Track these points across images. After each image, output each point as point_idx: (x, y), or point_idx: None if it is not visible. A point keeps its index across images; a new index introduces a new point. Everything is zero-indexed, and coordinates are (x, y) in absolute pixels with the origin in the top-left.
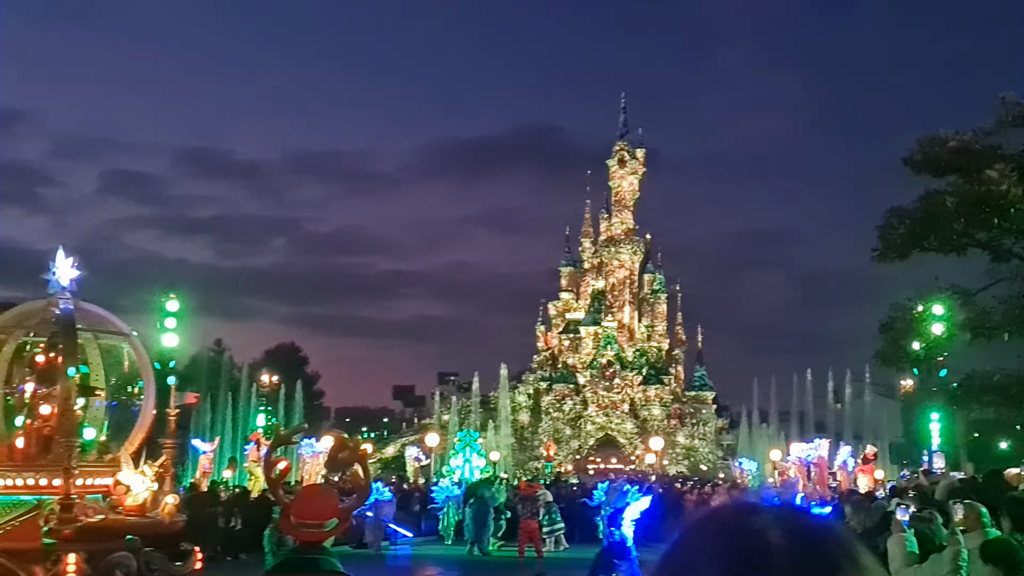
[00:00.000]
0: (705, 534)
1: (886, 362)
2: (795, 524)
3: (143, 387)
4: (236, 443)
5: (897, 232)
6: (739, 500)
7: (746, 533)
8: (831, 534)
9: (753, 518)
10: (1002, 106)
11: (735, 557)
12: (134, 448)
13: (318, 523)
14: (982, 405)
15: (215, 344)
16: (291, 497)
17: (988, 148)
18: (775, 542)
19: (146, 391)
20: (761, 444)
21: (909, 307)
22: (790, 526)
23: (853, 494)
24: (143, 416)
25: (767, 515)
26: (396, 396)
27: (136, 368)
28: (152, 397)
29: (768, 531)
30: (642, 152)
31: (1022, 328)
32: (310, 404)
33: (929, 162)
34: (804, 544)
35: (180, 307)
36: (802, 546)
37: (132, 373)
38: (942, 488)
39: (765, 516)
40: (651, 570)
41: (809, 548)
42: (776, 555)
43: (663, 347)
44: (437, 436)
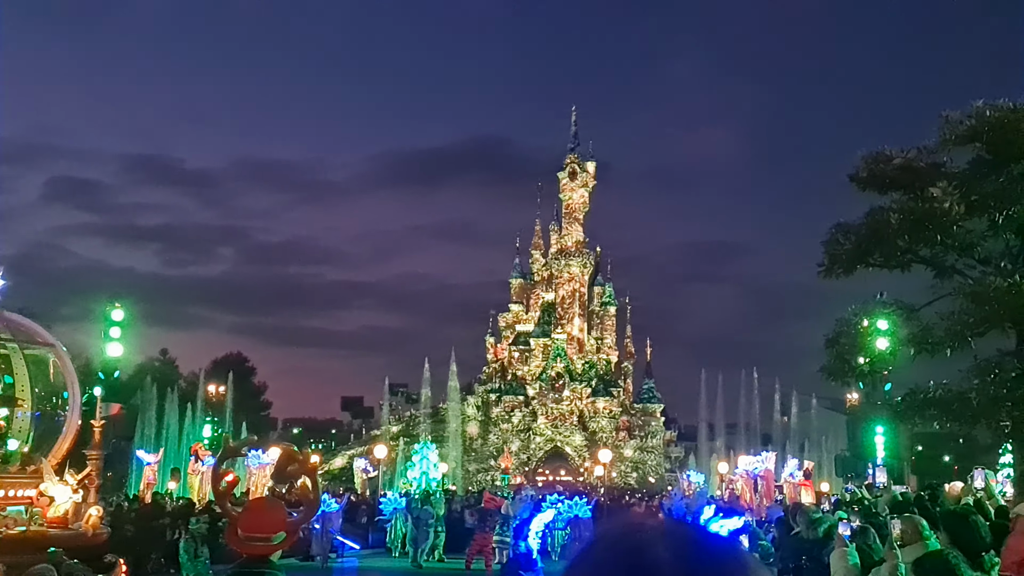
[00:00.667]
0: (596, 554)
1: (832, 376)
2: (683, 541)
3: (68, 398)
4: (182, 454)
5: (843, 247)
6: (633, 518)
7: (633, 551)
8: (719, 550)
9: (642, 536)
10: (946, 124)
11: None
12: (58, 459)
13: (265, 536)
14: (924, 419)
15: (161, 354)
16: (238, 510)
17: (932, 166)
18: (661, 559)
19: (71, 402)
20: (709, 456)
21: (854, 322)
22: (678, 543)
23: (799, 507)
24: (68, 427)
25: (656, 532)
26: (344, 407)
27: (62, 379)
28: (77, 408)
29: (655, 548)
30: (592, 165)
31: (963, 344)
32: (257, 415)
33: (874, 179)
34: (690, 561)
35: (125, 316)
36: (688, 563)
37: (58, 384)
38: (883, 502)
39: (654, 533)
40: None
41: (695, 565)
42: (662, 572)
43: (612, 359)
44: (385, 447)
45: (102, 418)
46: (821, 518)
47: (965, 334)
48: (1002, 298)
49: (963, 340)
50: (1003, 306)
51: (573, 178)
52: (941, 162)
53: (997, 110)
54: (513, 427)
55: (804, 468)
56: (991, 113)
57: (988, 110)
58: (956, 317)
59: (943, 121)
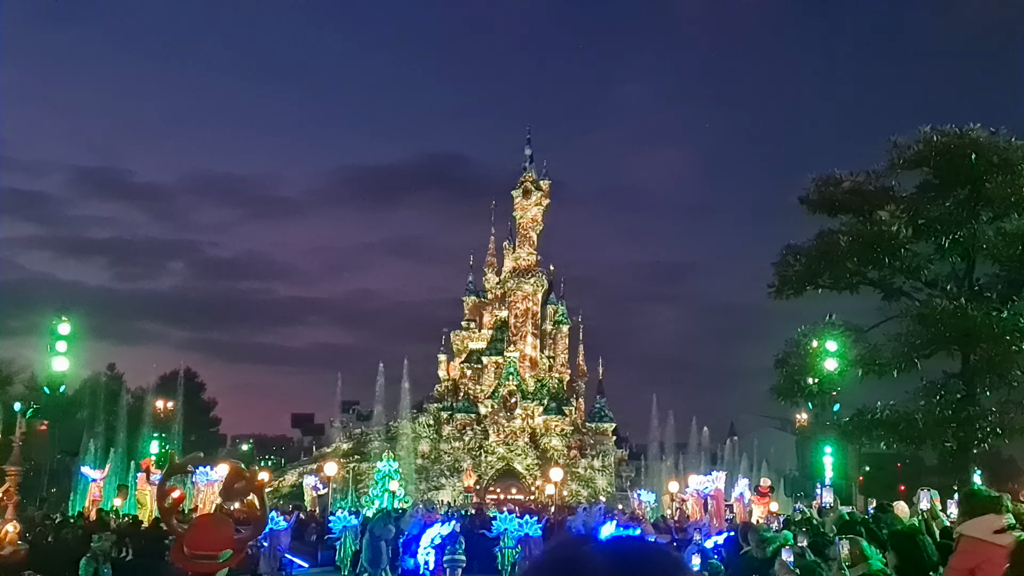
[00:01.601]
0: (540, 567)
1: (782, 396)
2: (620, 551)
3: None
4: (128, 471)
5: (793, 269)
6: (573, 534)
7: (573, 562)
8: (654, 559)
9: (583, 548)
10: (894, 149)
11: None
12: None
13: (212, 554)
14: (872, 439)
15: (108, 368)
16: (184, 527)
17: (881, 189)
18: (598, 568)
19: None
20: (660, 476)
21: (803, 343)
22: (614, 553)
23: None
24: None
25: (596, 544)
26: (295, 424)
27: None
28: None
29: (593, 559)
30: (547, 183)
31: (910, 365)
32: (206, 431)
33: (824, 201)
34: (625, 566)
35: (72, 330)
36: (623, 568)
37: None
38: (831, 521)
39: (594, 545)
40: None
41: (629, 569)
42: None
43: (565, 378)
44: (336, 465)
45: (22, 434)
46: (772, 537)
47: (912, 355)
48: (948, 320)
49: (910, 361)
50: (949, 328)
51: (527, 196)
52: (889, 186)
53: (944, 135)
54: (465, 445)
55: (759, 486)
56: (938, 139)
57: (935, 135)
58: (903, 339)
59: (891, 145)
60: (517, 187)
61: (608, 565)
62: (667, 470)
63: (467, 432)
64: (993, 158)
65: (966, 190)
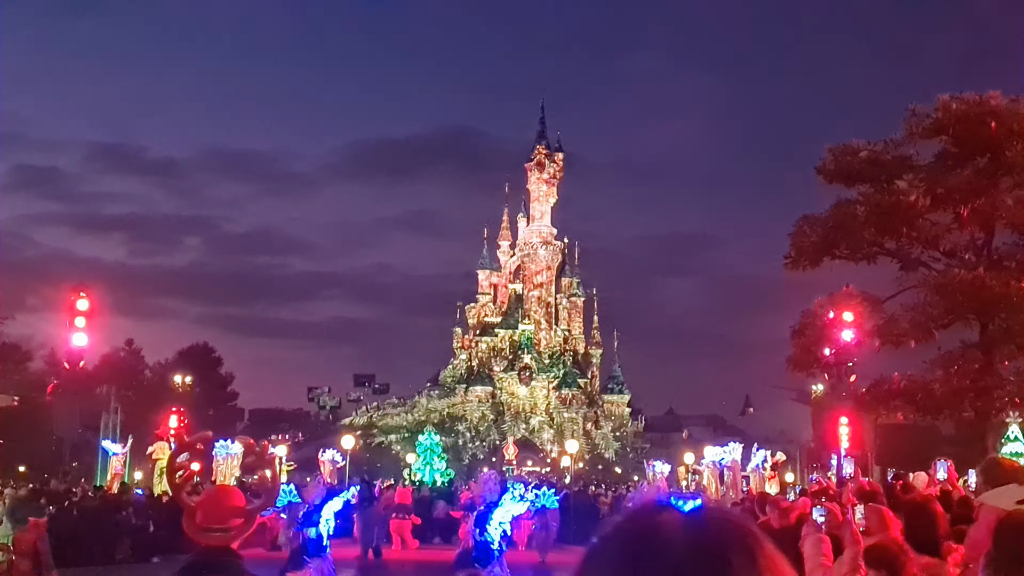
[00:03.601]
0: (614, 537)
1: (798, 367)
2: (695, 512)
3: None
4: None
5: (809, 239)
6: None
7: (649, 533)
8: (730, 523)
9: (659, 517)
10: (912, 117)
11: (634, 540)
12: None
13: (223, 527)
14: (889, 410)
15: (127, 344)
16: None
17: (898, 158)
18: (673, 526)
19: None
20: (675, 447)
21: (820, 313)
22: (690, 514)
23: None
24: None
25: (673, 513)
26: (311, 398)
27: None
28: None
29: (670, 529)
30: (560, 156)
31: (928, 335)
32: (224, 405)
33: (841, 171)
34: (701, 530)
35: (91, 306)
36: (699, 532)
37: None
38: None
39: (666, 505)
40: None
41: (705, 534)
42: (673, 539)
43: (579, 350)
44: (352, 438)
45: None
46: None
47: (930, 326)
48: (966, 290)
49: (928, 332)
50: (967, 298)
51: (541, 169)
52: (907, 154)
53: (963, 103)
54: (481, 418)
55: (772, 461)
56: (957, 106)
57: (954, 103)
58: (921, 309)
59: (910, 114)
60: (531, 159)
61: (686, 536)
62: (682, 441)
63: (483, 405)
64: (1013, 126)
65: (985, 158)
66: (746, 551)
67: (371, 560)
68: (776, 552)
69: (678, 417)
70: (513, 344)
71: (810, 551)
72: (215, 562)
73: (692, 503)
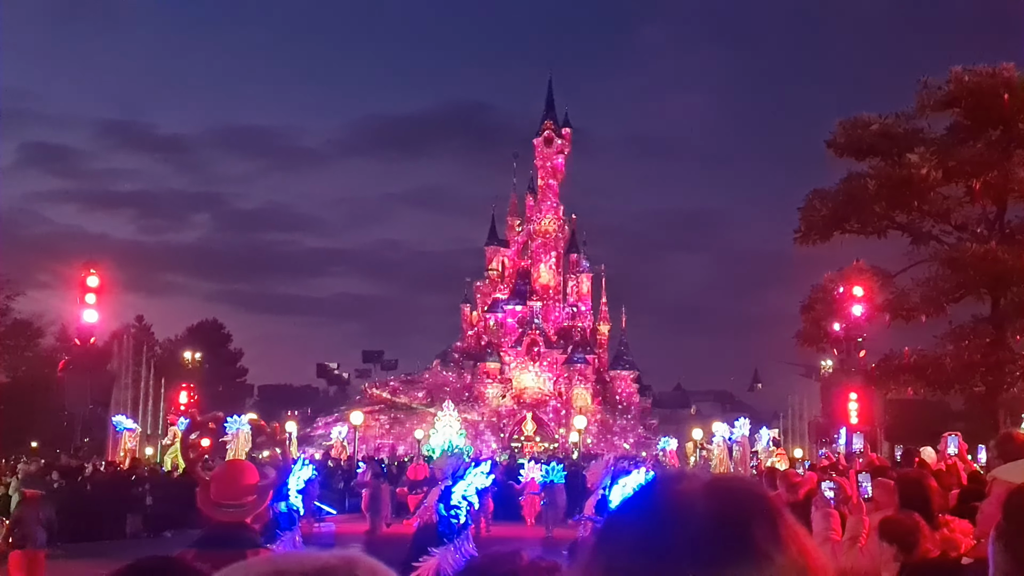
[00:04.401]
0: (638, 506)
1: (807, 342)
2: (717, 481)
3: None
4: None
5: (819, 213)
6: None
7: (668, 488)
8: (752, 491)
9: (682, 485)
10: (924, 90)
11: (657, 510)
12: None
13: (237, 503)
14: (899, 384)
15: (136, 320)
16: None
17: (910, 131)
18: (695, 495)
19: None
20: (684, 423)
21: (830, 288)
22: (711, 483)
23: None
24: None
25: (691, 474)
26: (320, 374)
27: None
28: None
29: (694, 497)
30: (568, 131)
31: (939, 310)
32: (233, 381)
33: (852, 144)
34: (724, 499)
35: (101, 283)
36: (722, 500)
37: None
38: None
39: (689, 475)
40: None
41: (728, 502)
42: (696, 508)
43: (587, 327)
44: (361, 414)
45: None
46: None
47: (941, 300)
48: (978, 264)
49: (939, 306)
50: (979, 272)
51: (549, 145)
52: (919, 127)
53: (975, 75)
54: (488, 394)
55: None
56: (969, 78)
57: (966, 75)
58: (932, 283)
59: (921, 86)
60: (539, 135)
61: (708, 505)
62: (690, 418)
63: (490, 381)
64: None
65: (998, 131)
66: (768, 520)
67: (382, 533)
68: (795, 521)
69: (686, 393)
70: (521, 320)
71: (818, 525)
72: (230, 536)
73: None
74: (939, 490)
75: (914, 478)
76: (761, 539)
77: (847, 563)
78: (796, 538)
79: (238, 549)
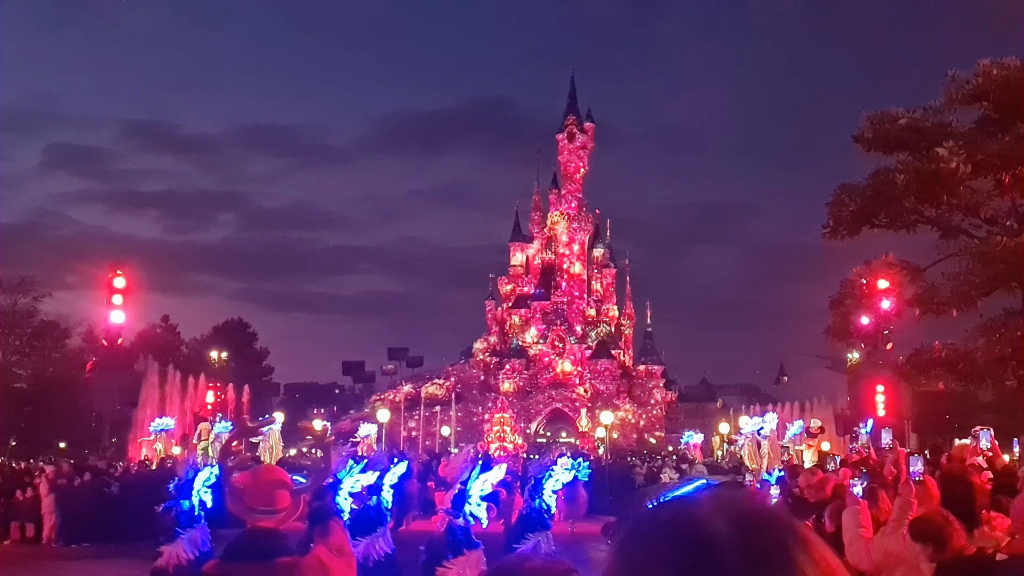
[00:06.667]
0: (652, 535)
1: (837, 337)
2: (741, 513)
3: None
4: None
5: (848, 209)
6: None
7: (693, 528)
8: (778, 520)
9: (697, 511)
10: (951, 83)
11: (687, 553)
12: None
13: (270, 509)
14: (930, 378)
15: (162, 320)
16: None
17: (938, 125)
18: (724, 533)
19: None
20: (710, 417)
21: (858, 283)
22: (736, 516)
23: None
24: None
25: (710, 506)
26: (346, 372)
27: None
28: None
29: (715, 523)
30: (591, 126)
31: (969, 304)
32: (259, 380)
33: (880, 139)
34: (753, 533)
35: (127, 283)
36: (752, 535)
37: None
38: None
39: (708, 507)
40: (605, 570)
41: (759, 536)
42: (728, 547)
43: (612, 321)
44: (388, 412)
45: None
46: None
47: (971, 294)
48: (1008, 257)
49: (969, 300)
50: (1009, 266)
51: (571, 140)
52: (947, 122)
53: (1004, 68)
54: (514, 390)
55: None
56: (997, 72)
57: (995, 68)
58: (962, 277)
59: (949, 80)
60: (561, 131)
61: (731, 528)
62: (717, 411)
63: (516, 377)
64: None
65: None
66: (802, 544)
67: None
68: (825, 546)
69: (712, 387)
70: (545, 315)
71: (848, 522)
72: (261, 545)
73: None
74: (982, 487)
75: (957, 475)
76: (800, 567)
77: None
78: (827, 562)
79: (265, 560)
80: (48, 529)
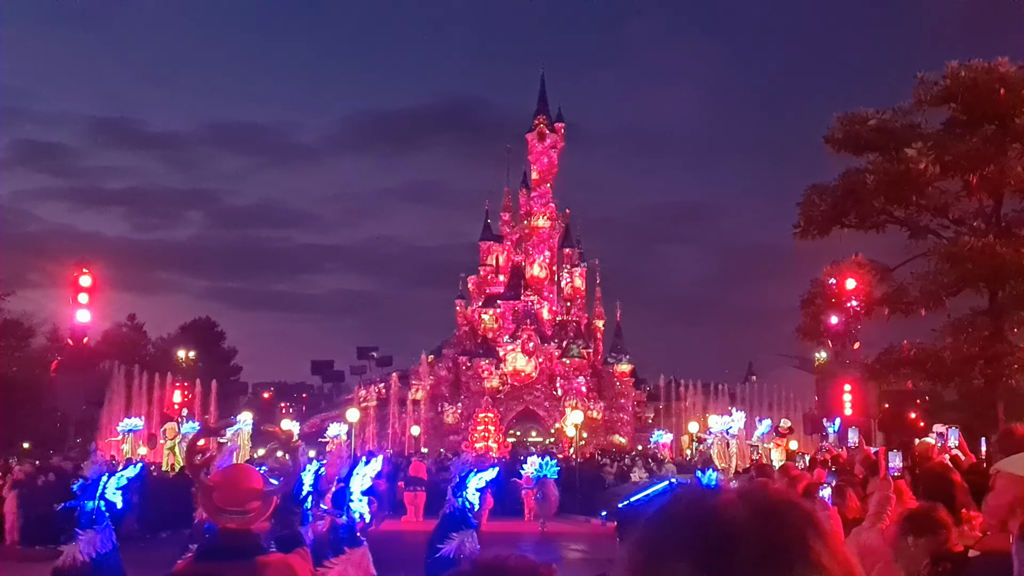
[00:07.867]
0: (674, 518)
1: (808, 336)
2: (762, 500)
3: None
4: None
5: (818, 209)
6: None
7: (714, 512)
8: (798, 509)
9: (719, 496)
10: (920, 85)
11: (706, 536)
12: None
13: (241, 510)
14: (898, 377)
15: (129, 319)
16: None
17: (907, 127)
18: (743, 519)
19: None
20: (679, 417)
21: (827, 282)
22: (757, 502)
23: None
24: None
25: (733, 493)
26: (314, 371)
27: None
28: None
29: (735, 508)
30: (561, 126)
31: (938, 303)
32: (227, 379)
33: (849, 140)
34: (773, 519)
35: (93, 282)
36: (771, 522)
37: None
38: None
39: (732, 494)
40: (624, 554)
41: (777, 523)
42: (746, 532)
43: (582, 321)
44: (357, 411)
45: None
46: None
47: (940, 294)
48: (976, 258)
49: (937, 299)
50: (977, 266)
51: (542, 139)
52: (916, 123)
53: (971, 71)
54: (483, 389)
55: (779, 427)
56: (965, 73)
57: (963, 70)
58: (931, 277)
59: (918, 82)
60: (532, 130)
61: (748, 515)
62: (686, 411)
63: (485, 376)
64: (1022, 92)
65: (994, 126)
66: (818, 534)
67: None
68: (842, 537)
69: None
70: (515, 315)
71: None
72: (234, 546)
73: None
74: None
75: (938, 472)
76: (818, 552)
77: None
78: (838, 544)
79: (240, 560)
80: (10, 529)
